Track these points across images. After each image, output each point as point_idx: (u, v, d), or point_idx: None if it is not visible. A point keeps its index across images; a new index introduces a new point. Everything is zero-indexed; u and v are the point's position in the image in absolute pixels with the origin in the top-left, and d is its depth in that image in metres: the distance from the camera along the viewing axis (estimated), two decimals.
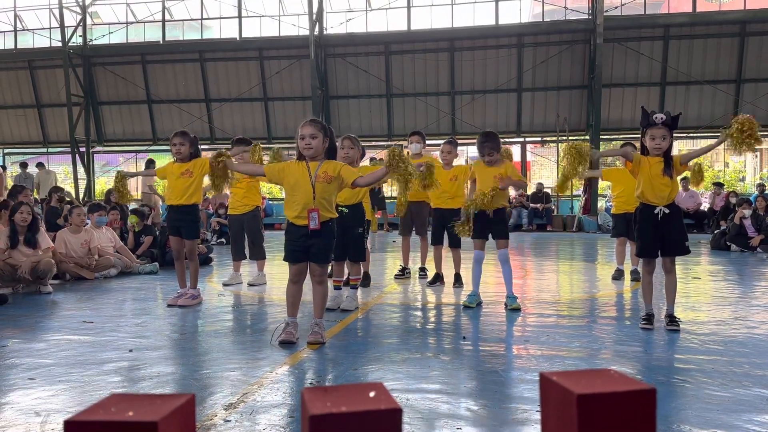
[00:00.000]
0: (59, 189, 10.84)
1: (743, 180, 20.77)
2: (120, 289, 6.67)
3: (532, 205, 16.05)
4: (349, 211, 5.26)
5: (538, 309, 5.33)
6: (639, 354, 3.90)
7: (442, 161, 6.57)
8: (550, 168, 20.09)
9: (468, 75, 17.38)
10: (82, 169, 19.22)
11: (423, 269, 7.06)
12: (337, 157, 5.70)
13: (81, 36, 18.67)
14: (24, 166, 16.35)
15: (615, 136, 17.98)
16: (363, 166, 6.21)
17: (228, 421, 2.71)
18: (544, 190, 16.65)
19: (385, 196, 13.87)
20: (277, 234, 4.06)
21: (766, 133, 18.15)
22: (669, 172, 4.37)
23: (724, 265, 8.62)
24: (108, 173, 22.44)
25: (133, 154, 21.28)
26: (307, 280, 4.17)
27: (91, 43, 18.79)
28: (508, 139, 18.22)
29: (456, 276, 6.50)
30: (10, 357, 3.82)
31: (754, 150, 5.01)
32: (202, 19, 18.91)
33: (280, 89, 18.31)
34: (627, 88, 16.81)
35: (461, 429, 2.61)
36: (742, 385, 3.17)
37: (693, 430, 2.60)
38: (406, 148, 6.75)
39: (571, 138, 5.76)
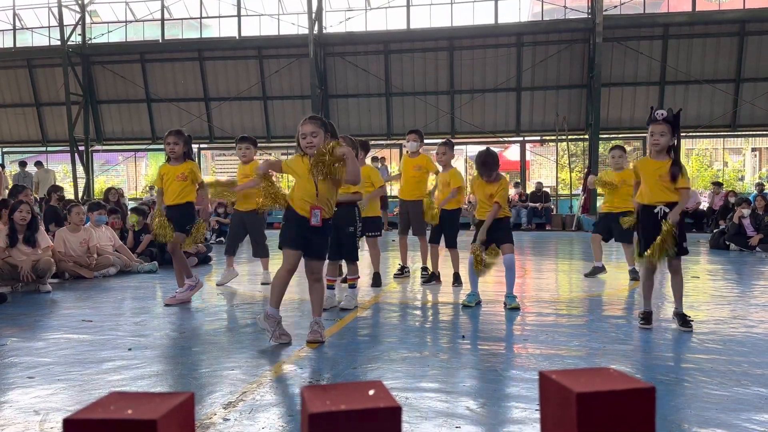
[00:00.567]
0: (59, 188, 10.83)
1: (742, 179, 20.79)
2: (119, 288, 6.67)
3: (531, 204, 16.06)
4: (340, 211, 5.27)
5: (537, 308, 5.33)
6: (638, 353, 3.90)
7: (437, 162, 6.58)
8: (549, 167, 20.10)
9: (467, 74, 17.38)
10: (81, 168, 19.21)
11: (425, 269, 7.07)
12: None
13: (80, 35, 18.65)
14: (23, 165, 16.33)
15: (614, 135, 17.99)
16: (367, 165, 6.22)
17: (227, 419, 2.71)
18: (543, 189, 16.66)
19: (386, 195, 13.88)
20: (277, 233, 4.06)
21: (766, 132, 18.23)
22: (675, 172, 4.33)
23: (723, 264, 8.62)
24: (107, 172, 22.44)
25: (132, 153, 21.29)
26: (304, 279, 4.17)
27: (90, 41, 18.78)
28: (507, 138, 18.27)
29: (455, 275, 6.51)
30: (9, 356, 3.82)
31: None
32: (201, 17, 18.90)
33: (279, 88, 18.30)
34: (626, 88, 16.81)
35: (460, 428, 2.61)
36: (740, 384, 3.18)
37: (692, 428, 2.60)
38: (405, 147, 6.78)
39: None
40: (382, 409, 0.66)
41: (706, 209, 14.94)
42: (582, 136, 17.77)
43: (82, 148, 19.09)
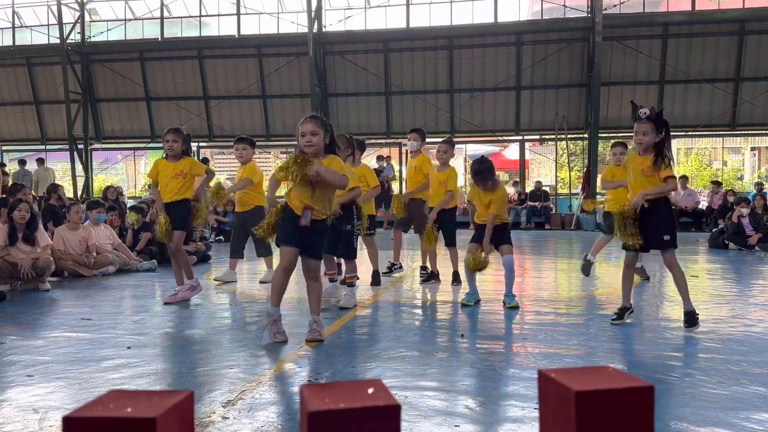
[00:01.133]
0: (57, 186, 10.83)
1: (741, 179, 20.81)
2: (118, 286, 6.67)
3: (530, 203, 16.06)
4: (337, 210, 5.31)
5: (536, 307, 5.33)
6: (636, 352, 3.91)
7: (437, 161, 6.57)
8: (548, 166, 20.10)
9: (467, 73, 17.36)
10: (80, 167, 19.19)
11: (424, 267, 7.06)
12: None
13: (79, 33, 18.62)
14: (23, 163, 16.30)
15: (614, 134, 17.97)
16: (364, 165, 6.21)
17: (226, 418, 2.71)
18: (543, 188, 16.66)
19: (389, 193, 13.89)
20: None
21: (765, 132, 18.24)
22: (657, 166, 4.28)
23: (721, 263, 8.63)
24: (106, 170, 22.42)
25: (132, 151, 21.27)
26: (301, 278, 4.18)
27: (89, 40, 18.75)
28: (506, 137, 18.26)
29: (454, 274, 6.51)
30: (8, 354, 3.82)
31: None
32: (200, 16, 18.88)
33: (278, 87, 18.28)
34: (626, 87, 16.80)
35: (459, 426, 2.61)
36: (739, 383, 3.18)
37: (690, 427, 2.60)
38: (405, 146, 6.79)
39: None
40: (382, 407, 0.66)
41: (705, 208, 14.95)
42: (581, 135, 17.76)
43: (81, 147, 19.06)
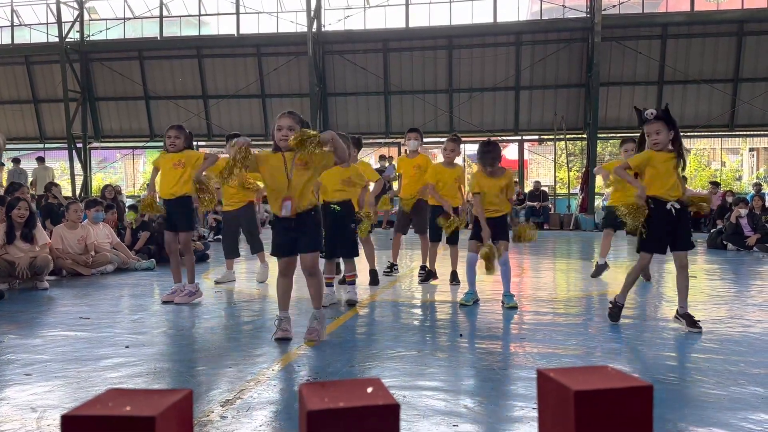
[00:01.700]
0: (54, 185, 10.82)
1: (740, 179, 20.85)
2: (116, 285, 6.67)
3: (529, 203, 16.06)
4: (341, 209, 5.31)
5: (534, 307, 5.33)
6: (635, 352, 3.91)
7: (444, 159, 6.54)
8: (547, 166, 20.12)
9: (466, 73, 17.37)
10: (78, 165, 19.17)
11: (423, 267, 7.06)
12: None
13: (78, 31, 18.61)
14: (17, 161, 16.26)
15: (612, 134, 18.01)
16: (361, 161, 6.20)
17: (224, 417, 2.71)
18: (541, 188, 16.67)
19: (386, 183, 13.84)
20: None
21: (766, 132, 18.25)
22: (681, 166, 4.32)
23: (720, 264, 8.64)
24: (104, 169, 22.40)
25: (130, 150, 21.25)
26: (300, 276, 4.18)
27: (88, 38, 18.73)
28: (505, 138, 18.27)
29: (453, 273, 6.51)
30: (6, 353, 3.81)
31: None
32: (199, 15, 18.87)
33: (277, 86, 18.27)
34: (625, 87, 16.82)
35: (458, 426, 2.61)
36: (737, 384, 3.18)
37: (689, 428, 2.60)
38: (404, 145, 6.79)
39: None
40: (381, 406, 0.66)
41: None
42: (580, 136, 17.78)
43: (79, 145, 19.06)
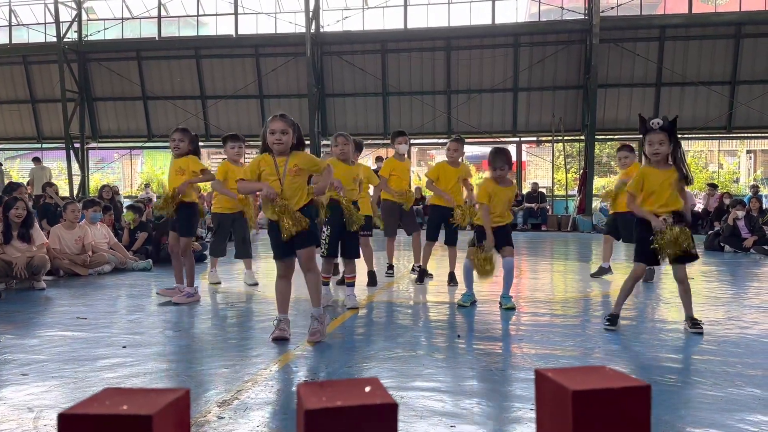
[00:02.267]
0: (50, 185, 10.81)
1: (737, 181, 20.89)
2: (114, 285, 6.66)
3: (527, 204, 16.08)
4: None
5: (532, 308, 5.34)
6: (633, 353, 3.91)
7: (448, 159, 6.52)
8: (545, 168, 20.13)
9: (464, 74, 17.38)
10: (76, 165, 19.14)
11: (416, 267, 7.06)
12: (333, 154, 5.73)
13: (76, 31, 18.57)
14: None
15: (610, 136, 18.03)
16: (358, 164, 6.21)
17: (222, 417, 2.71)
18: (539, 189, 16.68)
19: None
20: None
21: (763, 134, 18.29)
22: (683, 180, 4.31)
23: (717, 265, 8.65)
24: (102, 169, 22.36)
25: (128, 150, 21.22)
26: (299, 276, 4.17)
27: (86, 38, 18.71)
28: (503, 139, 18.28)
29: (450, 275, 6.50)
30: (3, 353, 3.80)
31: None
32: (198, 15, 18.86)
33: (276, 87, 18.26)
34: (622, 89, 16.84)
35: (455, 427, 2.61)
36: (734, 385, 3.19)
37: (686, 429, 2.61)
38: (397, 149, 6.83)
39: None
40: (379, 405, 0.66)
41: (701, 211, 14.98)
42: (578, 137, 17.79)
43: (77, 146, 19.02)
